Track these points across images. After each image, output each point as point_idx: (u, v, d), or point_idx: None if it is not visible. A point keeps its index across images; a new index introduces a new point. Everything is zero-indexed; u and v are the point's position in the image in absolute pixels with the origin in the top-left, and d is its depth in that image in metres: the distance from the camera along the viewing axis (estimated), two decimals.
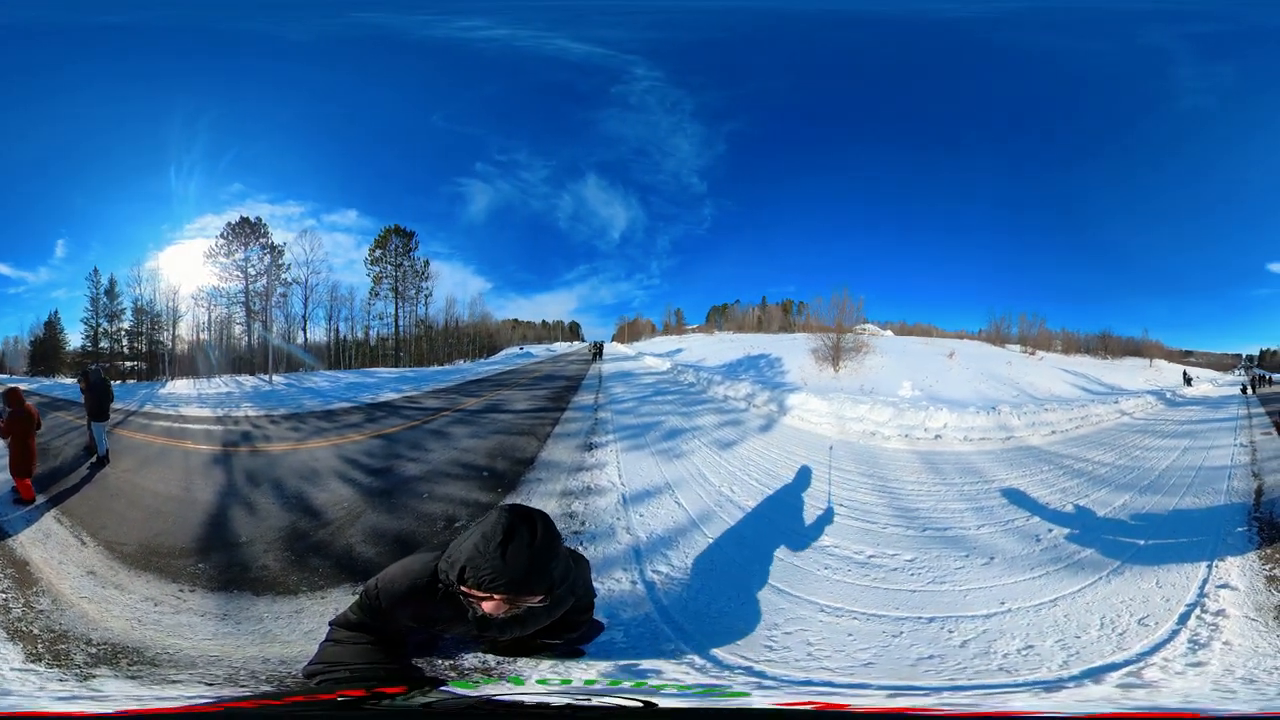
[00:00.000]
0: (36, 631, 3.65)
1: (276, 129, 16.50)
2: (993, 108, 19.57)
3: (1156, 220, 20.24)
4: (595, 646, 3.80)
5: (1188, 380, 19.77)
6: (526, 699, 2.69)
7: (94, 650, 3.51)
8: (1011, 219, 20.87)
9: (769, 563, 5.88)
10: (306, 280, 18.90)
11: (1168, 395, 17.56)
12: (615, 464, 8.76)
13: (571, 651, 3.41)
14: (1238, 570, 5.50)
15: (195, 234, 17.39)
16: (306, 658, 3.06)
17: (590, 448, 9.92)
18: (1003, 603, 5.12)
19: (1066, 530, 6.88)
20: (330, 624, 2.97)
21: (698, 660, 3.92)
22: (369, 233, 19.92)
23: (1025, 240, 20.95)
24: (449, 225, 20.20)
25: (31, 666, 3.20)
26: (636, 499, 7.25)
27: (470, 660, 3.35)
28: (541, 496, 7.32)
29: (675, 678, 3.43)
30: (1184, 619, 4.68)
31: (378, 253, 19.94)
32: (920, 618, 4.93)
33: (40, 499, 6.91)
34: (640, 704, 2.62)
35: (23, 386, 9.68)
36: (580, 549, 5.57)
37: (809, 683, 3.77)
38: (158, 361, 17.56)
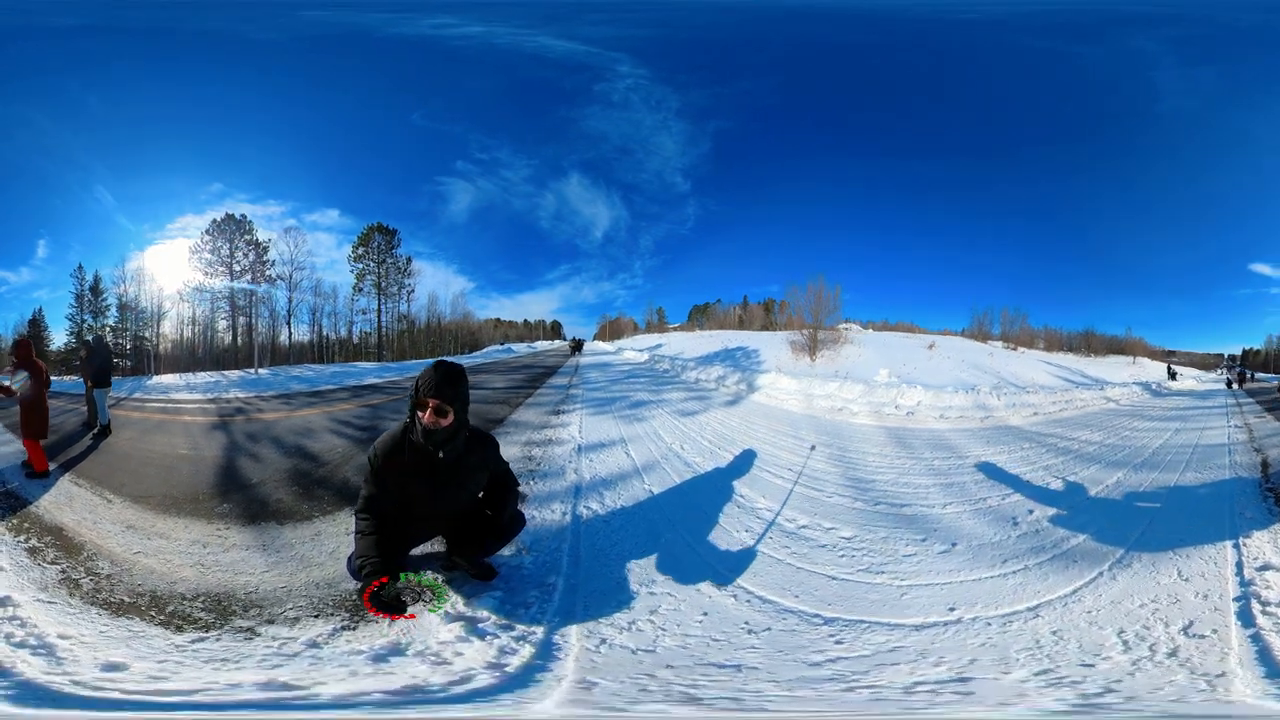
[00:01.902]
0: (128, 599, 3.18)
1: (254, 128, 15.12)
2: (978, 110, 17.74)
3: (1140, 221, 18.42)
4: (508, 570, 3.53)
5: (1172, 375, 17.80)
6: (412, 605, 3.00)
7: (203, 604, 3.16)
8: (996, 221, 19.01)
9: (691, 515, 4.80)
10: (290, 276, 17.64)
11: (1153, 387, 15.51)
12: (578, 424, 8.19)
13: (484, 573, 3.34)
14: (1271, 547, 4.07)
15: (176, 234, 16.19)
16: (341, 576, 3.32)
17: (558, 413, 9.24)
18: (951, 609, 3.34)
19: (1051, 511, 5.08)
20: (354, 513, 3.13)
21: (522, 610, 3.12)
22: (351, 232, 18.31)
23: (1009, 241, 19.10)
24: (431, 225, 18.62)
25: (201, 635, 2.83)
26: (590, 448, 6.79)
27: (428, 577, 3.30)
28: (507, 444, 6.76)
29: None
30: (1247, 619, 3.04)
31: (360, 250, 18.38)
32: (817, 616, 3.25)
33: (50, 466, 5.90)
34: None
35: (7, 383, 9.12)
36: (531, 485, 5.31)
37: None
38: (143, 357, 16.45)
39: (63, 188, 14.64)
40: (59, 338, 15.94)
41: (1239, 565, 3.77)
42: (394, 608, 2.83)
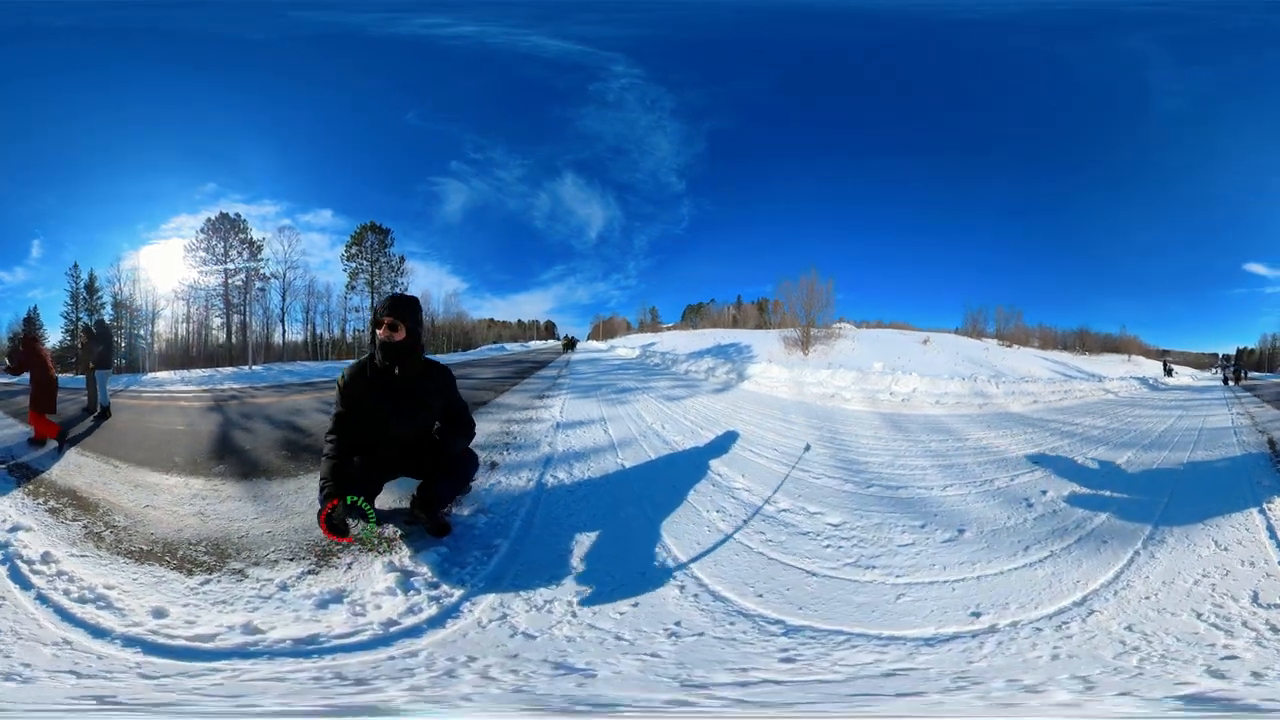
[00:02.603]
0: (145, 547, 3.32)
1: (248, 129, 14.63)
2: (975, 110, 17.18)
3: (1134, 220, 17.86)
4: (461, 527, 3.41)
5: (1168, 371, 17.11)
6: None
7: (205, 548, 3.28)
8: (991, 221, 18.43)
9: (660, 491, 4.22)
10: (284, 275, 17.10)
11: (1150, 381, 14.85)
12: (560, 406, 7.80)
13: (439, 529, 3.26)
14: None
15: (171, 234, 15.69)
16: (315, 523, 3.20)
17: (542, 397, 8.84)
18: (976, 614, 2.59)
19: (1066, 490, 4.40)
20: (325, 436, 3.21)
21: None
22: (344, 232, 17.62)
23: (1004, 241, 18.56)
24: (425, 225, 17.95)
25: (206, 578, 2.93)
26: (568, 426, 6.43)
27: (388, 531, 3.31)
28: (486, 421, 6.55)
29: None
30: None
31: (354, 249, 17.83)
32: (779, 623, 2.51)
33: (54, 445, 5.86)
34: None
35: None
36: (505, 455, 5.08)
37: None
38: (138, 355, 15.95)
39: (58, 188, 14.17)
40: (54, 335, 15.41)
41: (1270, 529, 3.48)
42: (340, 530, 2.93)
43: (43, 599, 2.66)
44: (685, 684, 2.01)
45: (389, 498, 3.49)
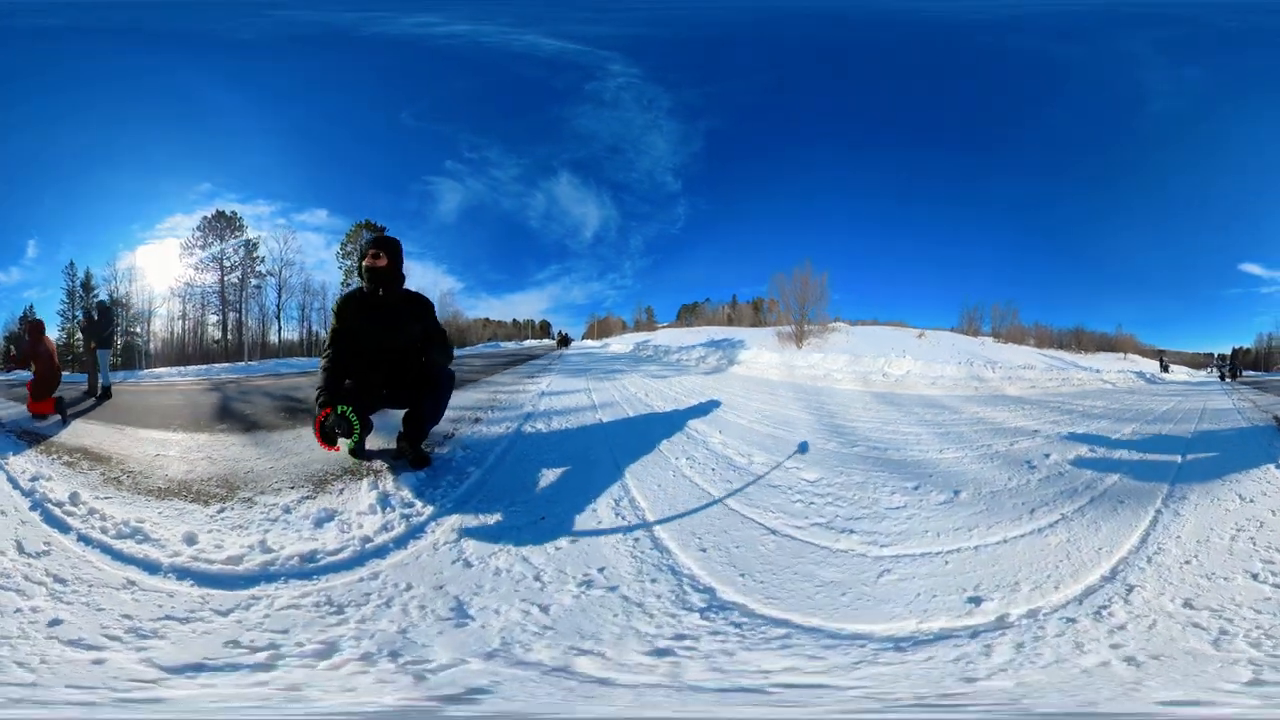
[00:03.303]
0: (163, 485, 3.40)
1: (243, 130, 14.46)
2: (973, 111, 16.77)
3: (1129, 221, 17.31)
4: (440, 460, 3.49)
5: (1165, 367, 16.58)
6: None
7: (216, 484, 3.36)
8: (988, 220, 17.91)
9: (633, 440, 4.05)
10: (280, 273, 17.06)
11: (1148, 376, 14.36)
12: (548, 382, 7.63)
13: (420, 460, 3.38)
14: None
15: (166, 233, 15.70)
16: (311, 459, 3.55)
17: (531, 377, 8.59)
18: (975, 598, 1.96)
19: (1071, 454, 3.93)
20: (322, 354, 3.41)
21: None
22: (339, 231, 17.45)
23: (1001, 238, 18.03)
24: (420, 224, 17.71)
25: (221, 506, 3.01)
26: (552, 393, 6.31)
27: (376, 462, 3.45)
28: (474, 392, 6.52)
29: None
30: None
31: (349, 247, 17.97)
32: (706, 592, 2.00)
33: (56, 418, 5.71)
34: None
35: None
36: (490, 413, 5.03)
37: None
38: (134, 354, 15.82)
39: (54, 188, 14.01)
40: (50, 335, 15.18)
41: None
42: (330, 439, 3.09)
43: (85, 539, 2.60)
44: (488, 656, 1.69)
45: (377, 440, 3.62)
